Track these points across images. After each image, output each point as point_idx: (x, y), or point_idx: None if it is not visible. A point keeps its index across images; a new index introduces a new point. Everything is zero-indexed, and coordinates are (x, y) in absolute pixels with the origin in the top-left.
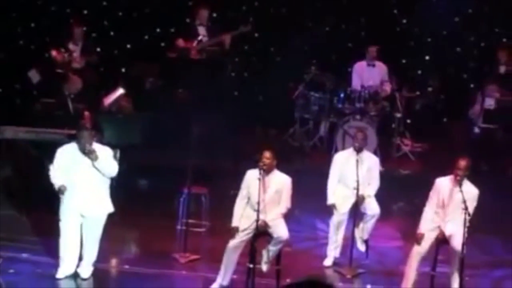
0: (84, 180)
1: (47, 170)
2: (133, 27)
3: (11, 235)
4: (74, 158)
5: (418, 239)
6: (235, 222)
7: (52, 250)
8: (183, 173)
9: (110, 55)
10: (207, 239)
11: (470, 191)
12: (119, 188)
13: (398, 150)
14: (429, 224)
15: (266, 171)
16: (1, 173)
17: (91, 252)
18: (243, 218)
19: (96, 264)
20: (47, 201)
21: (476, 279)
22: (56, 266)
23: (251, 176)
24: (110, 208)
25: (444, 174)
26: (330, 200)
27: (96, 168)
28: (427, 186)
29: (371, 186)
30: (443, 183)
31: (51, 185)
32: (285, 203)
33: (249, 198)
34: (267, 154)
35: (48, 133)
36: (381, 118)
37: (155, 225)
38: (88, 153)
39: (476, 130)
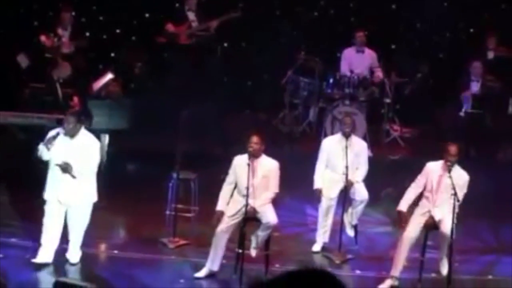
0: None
1: (36, 153)
2: (122, 12)
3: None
4: (62, 143)
5: (400, 218)
6: (220, 206)
7: (40, 235)
8: (172, 158)
9: (99, 40)
10: (196, 224)
11: (461, 177)
12: (108, 173)
13: (387, 135)
14: (417, 210)
15: (254, 156)
16: None
17: (77, 239)
18: (231, 203)
19: (84, 249)
20: (36, 185)
21: (465, 264)
22: None
23: (239, 161)
24: (93, 197)
25: (432, 159)
26: (317, 185)
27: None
28: (416, 171)
29: (359, 171)
30: (433, 168)
31: (39, 169)
32: (273, 188)
33: (236, 184)
34: (254, 139)
35: (37, 117)
36: (370, 103)
37: (144, 210)
38: (64, 167)
39: (462, 114)
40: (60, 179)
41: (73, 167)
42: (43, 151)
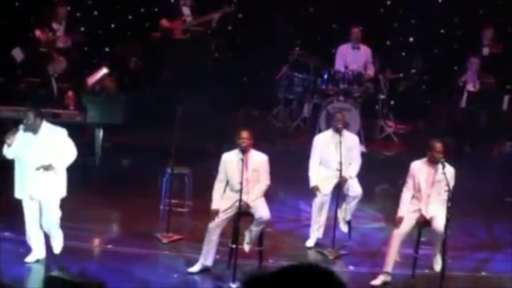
0: (35, 162)
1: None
2: (117, 7)
3: None
4: (26, 140)
5: (397, 223)
6: (214, 205)
7: None
8: (166, 153)
9: (94, 35)
10: (190, 219)
11: (448, 171)
12: (102, 168)
13: (381, 131)
14: (408, 207)
15: (245, 150)
16: None
17: (54, 232)
18: (223, 199)
19: (78, 243)
20: None
21: (459, 261)
22: None
23: (228, 158)
24: (62, 192)
25: (426, 155)
26: (312, 183)
27: (50, 151)
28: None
29: (352, 166)
30: (418, 167)
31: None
32: (265, 181)
33: (227, 181)
34: (244, 134)
35: None
36: (365, 99)
37: (138, 205)
38: (45, 168)
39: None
40: (28, 176)
41: (51, 162)
42: (6, 150)
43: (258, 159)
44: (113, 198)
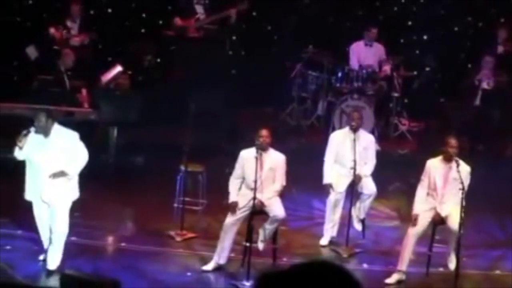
0: (46, 165)
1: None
2: (130, 5)
3: (7, 211)
4: (38, 142)
5: (413, 221)
6: (232, 198)
7: None
8: (180, 151)
9: (108, 33)
10: (204, 217)
11: (464, 169)
12: (116, 166)
13: (395, 129)
14: (423, 205)
15: (263, 149)
16: None
17: (59, 242)
18: (239, 197)
19: (91, 241)
20: None
21: (473, 259)
22: None
23: (246, 155)
24: (74, 195)
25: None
26: (326, 180)
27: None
28: (424, 165)
29: (367, 165)
30: (434, 165)
31: None
32: (280, 181)
33: (243, 178)
34: (264, 132)
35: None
36: (379, 97)
37: (151, 203)
38: (57, 175)
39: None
40: (40, 178)
41: (63, 168)
42: (18, 152)
43: (276, 158)
44: (126, 196)
